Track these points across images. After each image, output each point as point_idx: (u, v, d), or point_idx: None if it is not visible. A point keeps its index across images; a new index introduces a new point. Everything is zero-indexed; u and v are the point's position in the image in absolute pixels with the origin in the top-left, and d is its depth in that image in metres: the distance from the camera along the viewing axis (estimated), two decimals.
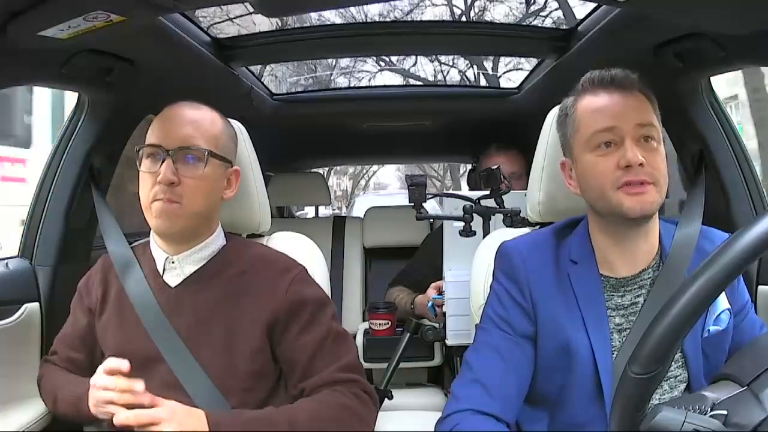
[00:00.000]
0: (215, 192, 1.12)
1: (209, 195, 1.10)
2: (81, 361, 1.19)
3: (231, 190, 1.16)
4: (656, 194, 0.97)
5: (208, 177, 1.08)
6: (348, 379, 1.07)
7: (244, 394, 1.07)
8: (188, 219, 1.08)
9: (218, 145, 1.10)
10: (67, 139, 1.50)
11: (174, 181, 1.05)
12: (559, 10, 9.19)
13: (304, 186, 2.84)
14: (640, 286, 1.02)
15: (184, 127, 1.08)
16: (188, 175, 1.06)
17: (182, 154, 1.06)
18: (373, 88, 4.74)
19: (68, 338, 1.21)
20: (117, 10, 1.00)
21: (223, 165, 1.12)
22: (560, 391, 1.00)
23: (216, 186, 1.11)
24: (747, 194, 1.43)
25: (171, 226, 1.08)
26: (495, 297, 1.07)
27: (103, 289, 1.17)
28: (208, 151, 1.07)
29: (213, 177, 1.10)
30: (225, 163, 1.12)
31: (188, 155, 1.07)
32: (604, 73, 1.02)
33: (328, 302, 1.15)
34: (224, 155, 1.12)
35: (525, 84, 2.21)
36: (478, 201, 1.62)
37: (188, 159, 1.07)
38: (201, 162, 1.07)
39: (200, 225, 1.12)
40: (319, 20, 7.70)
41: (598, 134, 0.99)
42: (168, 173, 1.04)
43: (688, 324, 0.66)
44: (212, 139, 1.10)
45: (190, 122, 1.09)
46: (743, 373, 0.72)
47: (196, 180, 1.06)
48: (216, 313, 1.09)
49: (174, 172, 1.05)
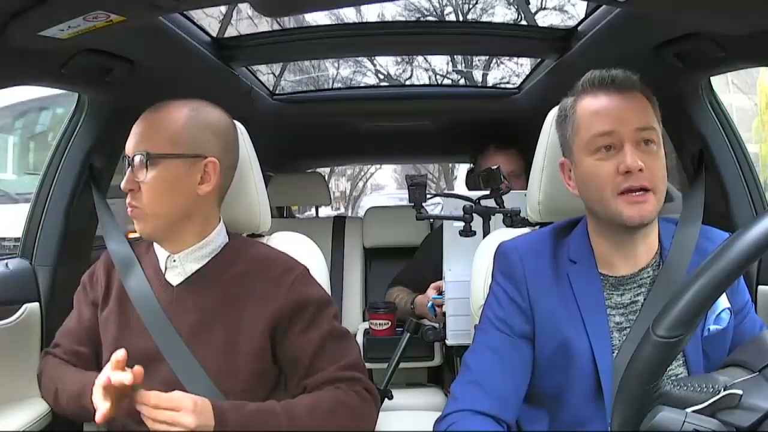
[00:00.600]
0: (179, 190, 1.09)
1: (169, 194, 1.08)
2: (87, 355, 1.19)
3: (208, 184, 1.10)
4: (655, 202, 0.97)
5: (161, 177, 1.07)
6: (350, 377, 1.08)
7: (244, 394, 1.07)
8: (154, 221, 1.09)
9: (175, 141, 1.08)
10: (67, 139, 1.50)
11: (132, 188, 1.08)
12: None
13: (304, 186, 2.84)
14: (640, 284, 1.02)
15: (141, 132, 1.10)
16: (141, 179, 1.07)
17: (136, 161, 1.08)
18: (373, 88, 4.74)
19: (73, 332, 1.20)
20: (117, 10, 1.00)
21: (186, 161, 1.09)
22: (560, 390, 1.00)
23: (178, 184, 1.08)
24: (747, 194, 1.42)
25: (140, 231, 1.10)
26: (493, 298, 1.07)
27: (107, 283, 1.18)
28: (148, 153, 1.07)
29: (169, 176, 1.08)
30: (186, 159, 1.09)
31: (138, 161, 1.08)
32: (604, 73, 1.01)
33: (329, 302, 1.15)
34: (184, 151, 1.08)
35: (525, 84, 2.21)
36: (478, 201, 1.63)
37: (139, 164, 1.08)
38: (144, 166, 1.07)
39: (177, 224, 1.11)
40: (314, 20, 7.71)
41: (597, 138, 0.99)
42: (126, 182, 1.08)
43: (718, 291, 0.66)
44: (165, 139, 1.08)
45: (144, 127, 1.10)
46: (753, 361, 0.72)
47: (148, 182, 1.07)
48: (218, 312, 1.09)
49: (131, 180, 1.08)
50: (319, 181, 2.87)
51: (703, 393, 0.69)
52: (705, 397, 0.68)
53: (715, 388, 0.69)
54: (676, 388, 0.70)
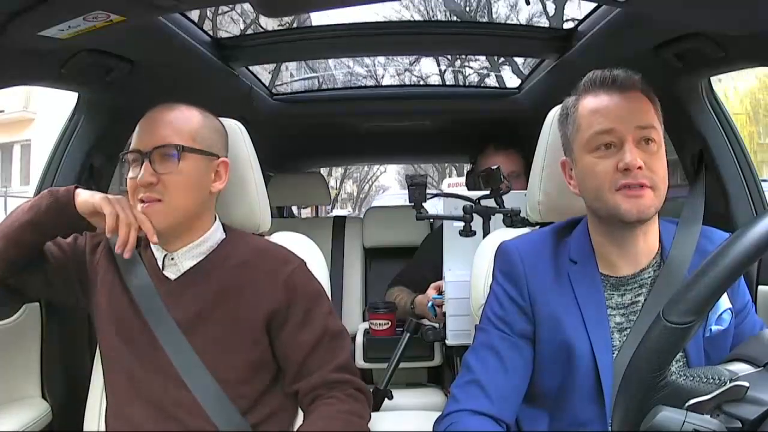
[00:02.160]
0: (199, 186, 1.11)
1: (192, 189, 1.10)
2: (58, 256, 1.17)
3: (220, 182, 1.15)
4: (654, 198, 0.97)
5: (188, 171, 1.08)
6: (342, 380, 1.09)
7: (241, 386, 1.08)
8: (174, 215, 1.09)
9: (195, 139, 1.10)
10: (67, 139, 1.50)
11: (152, 182, 1.06)
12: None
13: (304, 186, 2.84)
14: (641, 285, 1.02)
15: (159, 129, 1.09)
16: (166, 171, 1.07)
17: (158, 154, 1.07)
18: (373, 88, 4.73)
19: (61, 241, 1.20)
20: (117, 10, 1.00)
21: (204, 158, 1.11)
22: (560, 390, 1.00)
23: (200, 180, 1.11)
24: (747, 194, 1.42)
25: (159, 224, 1.08)
26: (493, 297, 1.07)
27: (104, 265, 1.17)
28: (181, 146, 1.08)
29: (194, 171, 1.09)
30: (207, 155, 1.12)
31: (164, 153, 1.08)
32: (606, 73, 1.01)
33: (324, 296, 1.16)
34: (204, 148, 1.11)
35: (525, 84, 2.21)
36: (478, 201, 1.62)
37: (164, 157, 1.08)
38: (176, 158, 1.08)
39: (191, 220, 1.12)
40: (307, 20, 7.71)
41: (597, 136, 0.99)
42: (146, 175, 1.06)
43: (731, 279, 0.67)
44: (187, 135, 1.10)
45: (164, 123, 1.10)
46: (758, 356, 0.72)
47: (174, 175, 1.07)
48: (216, 304, 1.10)
49: (152, 173, 1.06)
50: (319, 181, 2.87)
51: (709, 384, 0.69)
52: (711, 389, 0.68)
53: (722, 379, 0.68)
54: (681, 379, 0.69)
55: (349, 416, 1.04)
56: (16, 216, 1.13)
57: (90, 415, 1.20)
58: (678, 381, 0.70)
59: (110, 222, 1.08)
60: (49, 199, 1.12)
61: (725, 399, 0.67)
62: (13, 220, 1.13)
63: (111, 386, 1.13)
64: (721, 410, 0.67)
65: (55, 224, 1.13)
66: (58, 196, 1.12)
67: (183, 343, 1.08)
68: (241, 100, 2.01)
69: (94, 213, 1.11)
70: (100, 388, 1.19)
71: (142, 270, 1.14)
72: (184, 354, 1.07)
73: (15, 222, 1.12)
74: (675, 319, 0.67)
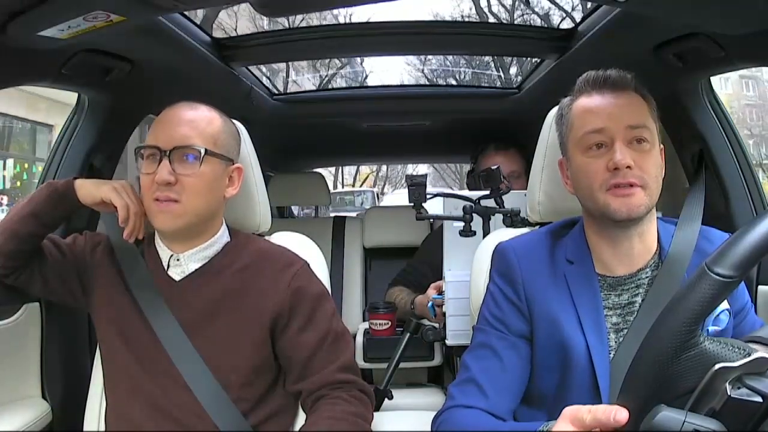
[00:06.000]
0: (215, 190, 1.11)
1: (209, 193, 1.10)
2: (56, 255, 1.17)
3: (234, 188, 1.15)
4: (644, 197, 0.97)
5: (207, 175, 1.08)
6: (346, 381, 1.09)
7: (244, 388, 1.08)
8: (190, 217, 1.08)
9: (216, 143, 1.10)
10: (67, 139, 1.50)
11: (171, 181, 1.05)
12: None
13: (304, 186, 2.84)
14: (638, 285, 1.02)
15: (181, 128, 1.08)
16: (186, 173, 1.06)
17: (179, 154, 1.07)
18: (373, 88, 4.74)
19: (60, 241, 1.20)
20: (117, 10, 1.00)
21: (222, 163, 1.12)
22: (557, 390, 1.00)
23: (216, 184, 1.11)
24: (747, 194, 1.42)
25: (173, 225, 1.08)
26: (490, 297, 1.07)
27: (104, 264, 1.17)
28: (205, 149, 1.07)
29: (212, 175, 1.09)
30: (224, 161, 1.12)
31: (185, 154, 1.07)
32: (599, 73, 1.02)
33: (328, 298, 1.16)
34: (223, 153, 1.11)
35: (525, 84, 2.21)
36: (478, 201, 1.62)
37: (185, 158, 1.07)
38: (197, 160, 1.07)
39: (203, 223, 1.12)
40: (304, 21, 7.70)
41: (588, 135, 1.00)
42: (164, 173, 1.05)
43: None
44: (209, 138, 1.10)
45: (186, 122, 1.09)
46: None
47: (193, 178, 1.07)
48: (220, 306, 1.10)
49: (171, 172, 1.05)
50: (319, 181, 2.87)
51: (736, 352, 0.67)
52: (738, 357, 0.66)
53: (748, 351, 0.67)
54: (709, 343, 0.68)
55: (354, 418, 1.04)
56: (16, 210, 1.14)
57: (90, 415, 1.20)
58: (706, 344, 0.69)
59: (123, 214, 1.10)
60: (48, 189, 1.13)
61: (750, 370, 0.66)
62: (12, 214, 1.14)
63: (111, 386, 1.13)
64: (742, 382, 0.66)
65: (54, 213, 1.13)
66: (56, 186, 1.13)
67: (185, 344, 1.08)
68: (241, 100, 2.01)
69: (100, 203, 1.12)
70: (100, 388, 1.19)
71: (145, 270, 1.14)
72: (187, 355, 1.07)
73: (15, 216, 1.13)
74: (721, 271, 0.65)
